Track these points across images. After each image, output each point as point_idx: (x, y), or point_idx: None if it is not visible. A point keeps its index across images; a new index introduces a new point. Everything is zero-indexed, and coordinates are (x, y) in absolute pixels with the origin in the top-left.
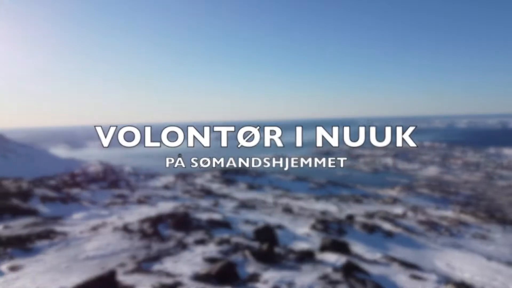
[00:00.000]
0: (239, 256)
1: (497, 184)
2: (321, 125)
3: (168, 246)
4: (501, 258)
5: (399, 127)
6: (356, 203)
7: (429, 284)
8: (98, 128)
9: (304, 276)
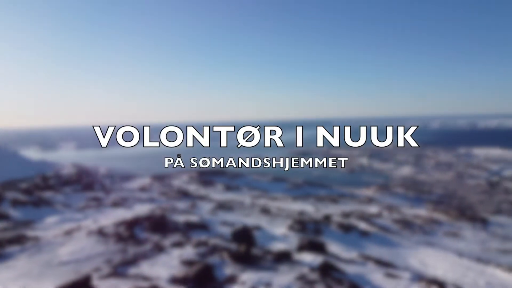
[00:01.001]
0: (217, 258)
1: (468, 183)
2: (299, 126)
3: (145, 249)
4: (471, 254)
5: (373, 127)
6: (332, 203)
7: (403, 282)
8: (96, 128)
9: (282, 277)
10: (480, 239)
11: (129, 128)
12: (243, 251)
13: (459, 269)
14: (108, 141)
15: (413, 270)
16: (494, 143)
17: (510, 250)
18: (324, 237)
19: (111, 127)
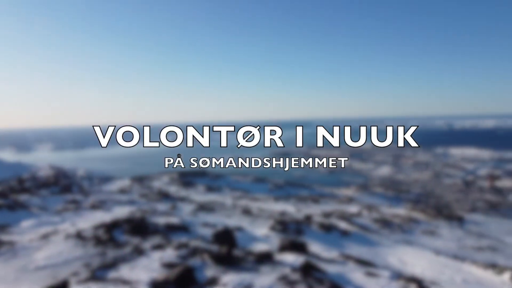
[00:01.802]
0: (198, 260)
1: (444, 182)
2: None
3: (124, 252)
4: (448, 252)
5: (347, 127)
6: (313, 203)
7: (383, 280)
8: (96, 128)
9: (263, 278)
10: (457, 237)
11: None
12: (224, 252)
13: (436, 266)
14: (109, 142)
15: (392, 269)
16: (470, 143)
17: (485, 247)
18: (305, 237)
19: (99, 127)
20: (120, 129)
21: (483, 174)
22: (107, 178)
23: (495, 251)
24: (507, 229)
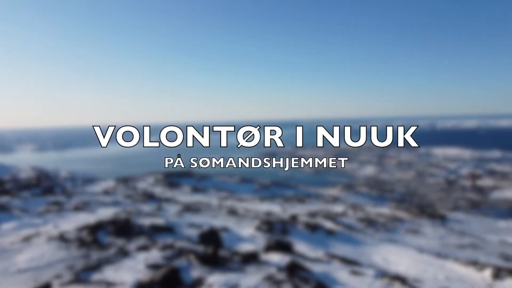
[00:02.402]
0: (184, 261)
1: (427, 181)
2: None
3: (108, 254)
4: (431, 250)
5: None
6: (299, 203)
7: (367, 278)
8: (96, 128)
9: (249, 278)
10: (439, 235)
11: None
12: (210, 253)
13: (420, 264)
14: (106, 141)
15: (377, 267)
16: (452, 143)
17: (466, 245)
18: (291, 237)
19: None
20: (119, 129)
21: (465, 173)
22: (91, 179)
23: (476, 248)
24: (487, 227)
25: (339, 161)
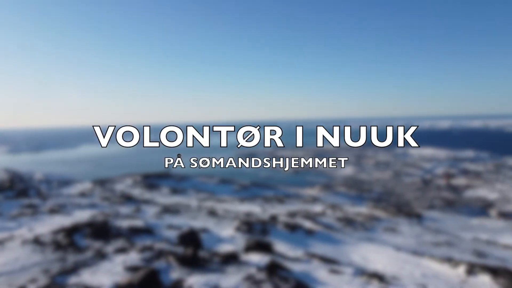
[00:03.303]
0: (163, 263)
1: (404, 181)
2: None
3: (86, 257)
4: (408, 248)
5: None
6: (279, 203)
7: (346, 277)
8: (96, 128)
9: (229, 278)
10: (416, 233)
11: None
12: (189, 254)
13: (397, 262)
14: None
15: (355, 265)
16: (427, 143)
17: (441, 243)
18: (271, 237)
19: None
20: (117, 128)
21: (439, 172)
22: (67, 181)
23: (451, 246)
24: (461, 225)
25: (317, 161)
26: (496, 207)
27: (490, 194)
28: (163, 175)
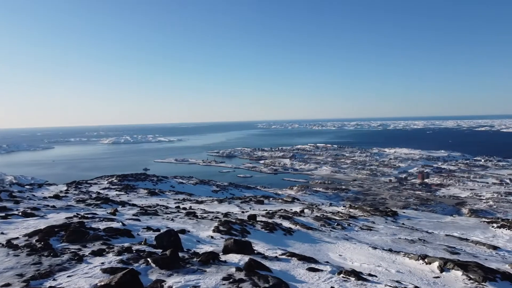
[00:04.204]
0: (141, 264)
1: (380, 180)
2: (224, 128)
3: (62, 260)
4: (383, 246)
5: None
6: (258, 204)
7: (324, 274)
8: None
9: (208, 279)
10: (391, 231)
11: None
12: (168, 255)
13: (373, 259)
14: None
15: (333, 264)
16: (402, 144)
17: (416, 240)
18: (250, 237)
19: None
20: None
21: (414, 172)
22: (41, 184)
23: (425, 243)
24: (435, 223)
25: (295, 161)
26: (468, 205)
27: (462, 193)
28: (140, 177)
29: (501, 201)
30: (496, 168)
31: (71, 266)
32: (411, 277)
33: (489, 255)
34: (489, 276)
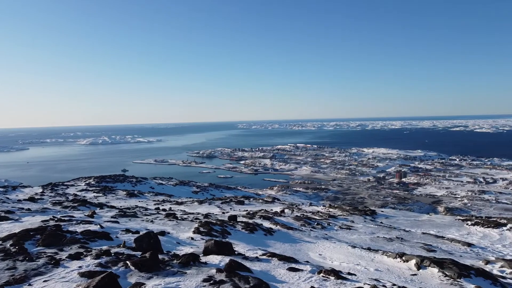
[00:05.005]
0: (120, 267)
1: (359, 179)
2: (205, 129)
3: (38, 264)
4: (362, 245)
5: None
6: (238, 204)
7: (304, 274)
8: None
9: (189, 280)
10: (370, 230)
11: None
12: (148, 258)
13: (352, 258)
14: None
15: (313, 263)
16: (380, 143)
17: (394, 239)
18: (231, 238)
19: None
20: None
21: (392, 171)
22: (15, 186)
23: (403, 241)
24: (412, 221)
25: (275, 162)
26: (444, 203)
27: (438, 191)
28: (119, 178)
29: (475, 199)
30: (470, 167)
31: (47, 271)
32: (389, 275)
33: (463, 252)
34: (464, 272)
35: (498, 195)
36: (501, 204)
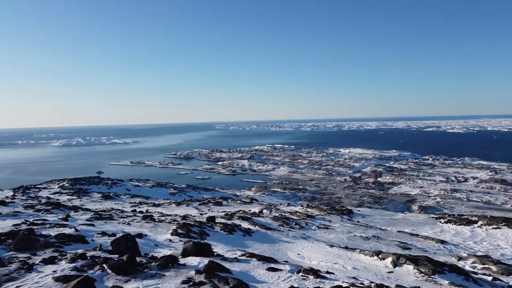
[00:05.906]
0: (97, 271)
1: (336, 179)
2: (183, 130)
3: (9, 270)
4: (340, 244)
5: None
6: (216, 205)
7: (283, 274)
8: None
9: (168, 283)
10: (347, 229)
11: None
12: (125, 261)
13: (330, 257)
14: None
15: (292, 263)
16: (356, 144)
17: (370, 237)
18: (210, 239)
19: None
20: None
21: (367, 171)
22: None
23: (379, 239)
24: (388, 220)
25: (253, 162)
26: (417, 202)
27: (412, 190)
28: (94, 180)
29: (448, 198)
30: (443, 167)
31: (20, 276)
32: (366, 273)
33: (437, 249)
34: (438, 269)
35: (469, 193)
36: (472, 202)
